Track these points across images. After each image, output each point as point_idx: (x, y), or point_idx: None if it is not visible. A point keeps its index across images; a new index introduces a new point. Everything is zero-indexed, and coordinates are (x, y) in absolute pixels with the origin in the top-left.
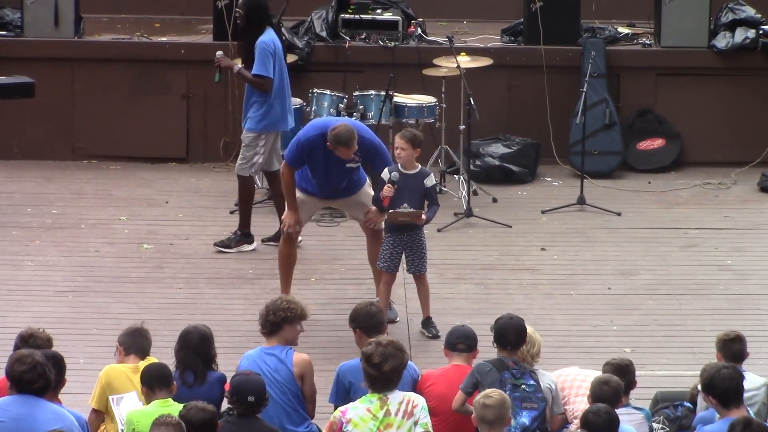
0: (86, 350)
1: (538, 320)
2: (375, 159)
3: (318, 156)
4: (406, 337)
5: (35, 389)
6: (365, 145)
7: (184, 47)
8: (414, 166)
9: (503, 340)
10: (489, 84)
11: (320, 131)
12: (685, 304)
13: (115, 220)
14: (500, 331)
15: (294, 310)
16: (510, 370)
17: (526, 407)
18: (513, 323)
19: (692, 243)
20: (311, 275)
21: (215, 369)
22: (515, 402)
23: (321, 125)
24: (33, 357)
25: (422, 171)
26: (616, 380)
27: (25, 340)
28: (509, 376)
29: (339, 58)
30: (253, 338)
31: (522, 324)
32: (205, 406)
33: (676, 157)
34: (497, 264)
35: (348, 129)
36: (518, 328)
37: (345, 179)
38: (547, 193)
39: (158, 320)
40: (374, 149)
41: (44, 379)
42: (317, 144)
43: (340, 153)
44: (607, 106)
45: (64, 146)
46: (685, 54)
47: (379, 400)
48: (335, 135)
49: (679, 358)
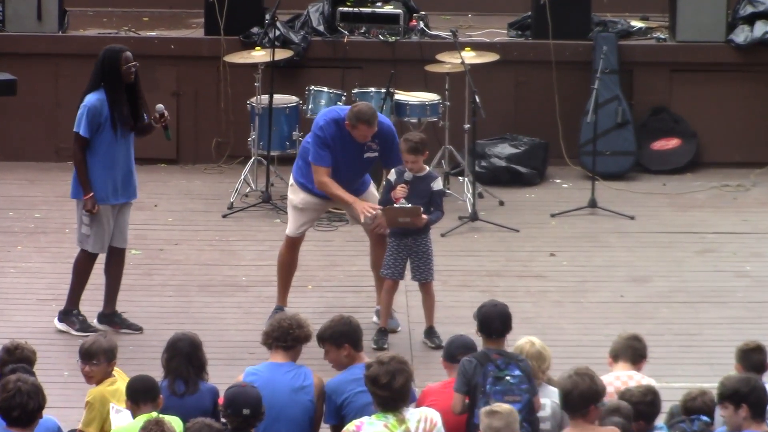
0: (71, 362)
1: (546, 329)
2: (393, 147)
3: (335, 147)
4: (408, 348)
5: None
6: (384, 131)
7: (173, 42)
8: (422, 168)
9: (487, 328)
10: (495, 81)
11: (334, 118)
12: (702, 313)
13: None
14: (484, 319)
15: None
16: (494, 362)
17: (508, 400)
18: (497, 310)
19: (709, 248)
20: (308, 282)
21: (206, 378)
22: (496, 396)
23: (332, 113)
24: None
25: (430, 174)
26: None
27: (11, 353)
28: (493, 369)
29: (337, 54)
30: (248, 349)
31: (506, 311)
32: (212, 423)
33: (692, 158)
34: (504, 270)
35: (370, 106)
36: (503, 315)
37: (361, 174)
38: (557, 195)
39: (147, 330)
40: (393, 136)
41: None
42: (334, 133)
43: (359, 133)
44: (619, 103)
45: (48, 147)
46: (702, 49)
47: (396, 417)
48: (357, 111)
49: (695, 370)
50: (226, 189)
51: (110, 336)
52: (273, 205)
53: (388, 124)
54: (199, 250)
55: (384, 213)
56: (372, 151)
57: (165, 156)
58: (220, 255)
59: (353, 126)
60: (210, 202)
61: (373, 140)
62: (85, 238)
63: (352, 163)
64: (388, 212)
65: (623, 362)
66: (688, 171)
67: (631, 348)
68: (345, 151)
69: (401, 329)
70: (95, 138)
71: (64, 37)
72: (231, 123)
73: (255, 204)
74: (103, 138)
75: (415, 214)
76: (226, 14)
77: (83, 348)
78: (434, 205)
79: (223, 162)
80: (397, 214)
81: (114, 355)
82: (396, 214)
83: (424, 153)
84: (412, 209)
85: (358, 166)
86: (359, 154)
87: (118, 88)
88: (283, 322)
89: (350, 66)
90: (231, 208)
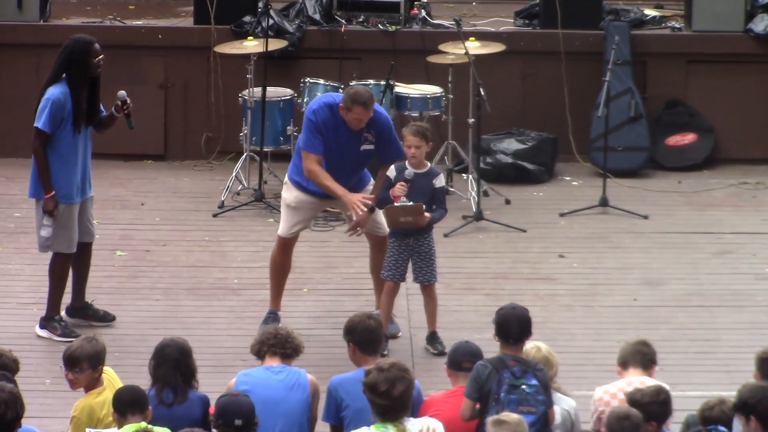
0: (53, 369)
1: (555, 335)
2: (390, 140)
3: (328, 135)
4: (409, 354)
5: None
6: (381, 121)
7: (161, 32)
8: (424, 164)
9: (505, 332)
10: (501, 72)
11: (328, 102)
12: (720, 317)
13: None
14: (501, 322)
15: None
16: (510, 369)
17: (523, 411)
18: (516, 313)
19: (727, 249)
20: (303, 285)
21: (196, 386)
22: (511, 406)
23: (327, 97)
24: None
25: (432, 170)
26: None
27: None
28: (509, 376)
29: (334, 44)
30: (239, 356)
31: (526, 314)
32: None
33: (709, 154)
34: (510, 273)
35: (367, 89)
36: (522, 319)
37: (358, 168)
38: (566, 193)
39: (133, 336)
40: (389, 128)
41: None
42: (327, 119)
43: (354, 116)
44: (632, 96)
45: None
46: (719, 39)
47: (396, 428)
48: (353, 93)
49: (712, 377)
50: (216, 187)
51: (96, 340)
52: (266, 203)
53: (385, 115)
54: (188, 251)
55: (385, 214)
56: (368, 143)
57: (152, 152)
58: (211, 256)
59: (348, 109)
60: (199, 200)
61: (369, 131)
62: (45, 241)
63: (348, 154)
64: (390, 212)
65: (633, 369)
66: (704, 167)
67: (640, 353)
68: (339, 141)
69: (402, 334)
70: (56, 133)
71: (45, 27)
72: (222, 117)
73: (247, 203)
74: (65, 133)
75: (418, 212)
76: (217, 2)
77: (67, 354)
78: (437, 203)
79: (214, 158)
80: (399, 214)
81: (100, 360)
82: (397, 214)
83: (428, 141)
84: (413, 207)
85: (355, 159)
86: (355, 146)
87: (83, 82)
88: (280, 330)
89: (348, 57)
90: (222, 207)
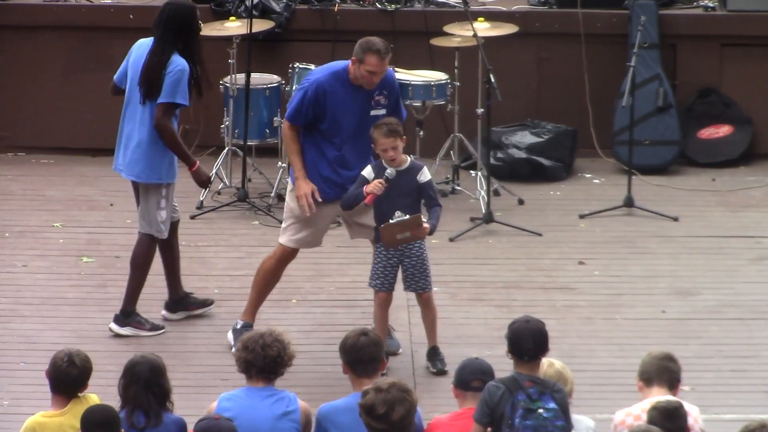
0: (12, 389)
1: (574, 351)
2: (398, 101)
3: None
4: (410, 373)
5: None
6: (392, 78)
7: (132, 11)
8: (403, 160)
9: (518, 349)
10: (514, 57)
11: (334, 71)
12: (757, 332)
13: (48, 227)
14: (514, 337)
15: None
16: (525, 391)
17: None
18: (530, 327)
19: (766, 255)
20: (292, 296)
21: (171, 408)
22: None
23: (333, 66)
24: None
25: (413, 165)
26: None
27: None
28: (524, 398)
29: (326, 25)
30: (219, 375)
31: (541, 328)
32: None
33: (746, 148)
34: (523, 281)
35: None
36: (536, 334)
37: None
38: (587, 192)
39: (101, 352)
40: (397, 85)
41: None
42: (331, 87)
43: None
44: (660, 84)
45: None
46: (758, 19)
47: None
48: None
49: (750, 399)
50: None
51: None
52: (250, 204)
53: (390, 71)
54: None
55: (381, 233)
56: (380, 107)
57: None
58: (189, 263)
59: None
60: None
61: (381, 92)
62: (160, 225)
63: (360, 128)
64: (385, 231)
65: (658, 387)
66: (741, 164)
67: (668, 371)
68: (346, 110)
69: (402, 351)
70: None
71: (4, 6)
72: (201, 107)
73: (229, 203)
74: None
75: (416, 225)
76: None
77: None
78: (427, 201)
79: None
80: (395, 231)
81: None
82: (393, 231)
83: (402, 136)
84: (410, 221)
85: (366, 126)
86: (365, 112)
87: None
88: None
89: (342, 39)
90: (201, 207)
